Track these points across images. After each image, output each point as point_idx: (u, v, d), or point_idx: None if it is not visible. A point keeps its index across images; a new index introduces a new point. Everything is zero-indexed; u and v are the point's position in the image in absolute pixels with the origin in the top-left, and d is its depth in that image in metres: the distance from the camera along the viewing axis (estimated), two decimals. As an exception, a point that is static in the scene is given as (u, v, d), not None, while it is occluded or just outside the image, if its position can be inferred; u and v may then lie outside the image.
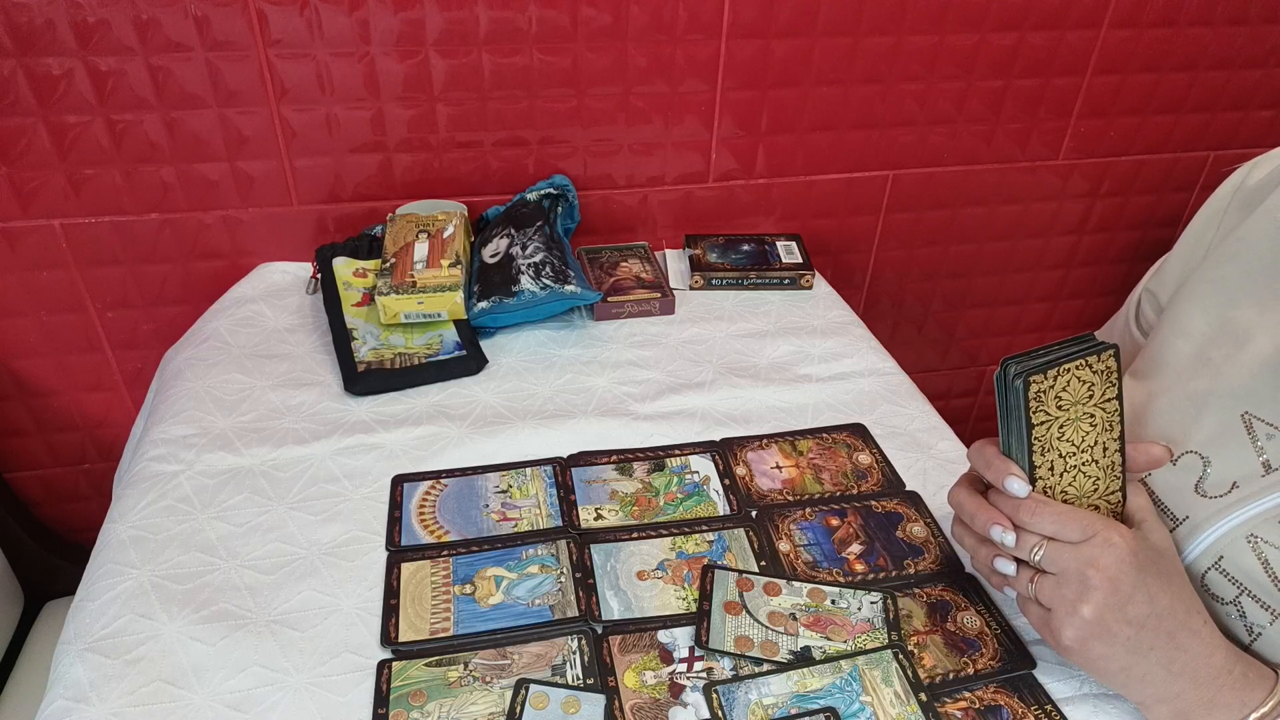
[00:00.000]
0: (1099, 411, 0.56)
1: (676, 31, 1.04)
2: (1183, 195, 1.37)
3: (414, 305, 0.92)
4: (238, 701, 0.59)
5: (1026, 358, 0.55)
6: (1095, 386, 0.56)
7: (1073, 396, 0.55)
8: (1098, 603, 0.52)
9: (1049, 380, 0.54)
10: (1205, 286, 0.65)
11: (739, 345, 0.97)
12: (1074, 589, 0.53)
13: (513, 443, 0.82)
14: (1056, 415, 0.55)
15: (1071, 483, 0.57)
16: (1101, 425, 0.56)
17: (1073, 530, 0.54)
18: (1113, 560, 0.52)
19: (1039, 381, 0.54)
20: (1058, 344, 0.56)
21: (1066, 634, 0.54)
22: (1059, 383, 0.55)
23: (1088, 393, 0.56)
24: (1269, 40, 1.23)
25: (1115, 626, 0.53)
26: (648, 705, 0.60)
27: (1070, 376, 0.55)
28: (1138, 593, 0.52)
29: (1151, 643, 0.53)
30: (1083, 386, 0.55)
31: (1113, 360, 0.56)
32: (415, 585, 0.68)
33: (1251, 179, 0.67)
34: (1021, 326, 1.47)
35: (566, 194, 1.09)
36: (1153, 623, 0.53)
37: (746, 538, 0.73)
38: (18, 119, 0.93)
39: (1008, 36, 1.14)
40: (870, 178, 1.22)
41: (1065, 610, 0.54)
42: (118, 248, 1.03)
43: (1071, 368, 0.55)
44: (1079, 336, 0.57)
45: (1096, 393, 0.56)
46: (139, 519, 0.72)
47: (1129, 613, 0.52)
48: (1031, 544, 0.55)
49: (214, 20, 0.92)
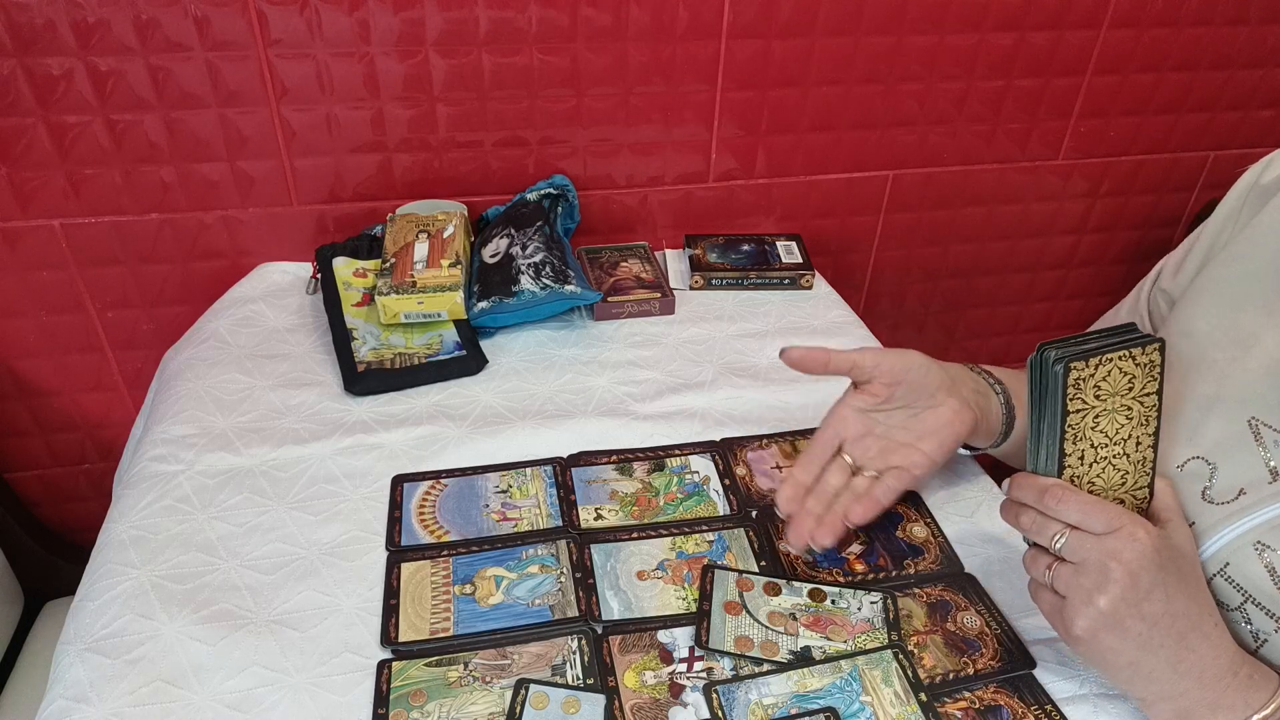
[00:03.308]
0: (1137, 405, 0.55)
1: (676, 31, 1.04)
2: (1183, 195, 1.37)
3: (414, 305, 0.92)
4: (238, 701, 0.59)
5: (1065, 343, 0.54)
6: (1136, 379, 0.54)
7: (1112, 387, 0.54)
8: (1114, 595, 0.52)
9: (1090, 368, 0.53)
10: (1211, 287, 0.65)
11: (739, 345, 0.97)
12: (1092, 579, 0.52)
13: (513, 443, 0.82)
14: (1093, 405, 0.54)
15: (1100, 474, 0.56)
16: (1138, 419, 0.55)
17: (1097, 521, 0.53)
18: (1135, 555, 0.52)
19: (1079, 369, 0.53)
20: (1097, 332, 0.55)
21: (1079, 624, 0.53)
22: (1099, 372, 0.53)
23: (1128, 385, 0.54)
24: (1269, 40, 1.23)
25: (1128, 621, 0.52)
26: (648, 705, 0.60)
27: (1112, 366, 0.53)
28: (1155, 590, 0.52)
29: (1161, 641, 0.53)
30: (1124, 378, 0.54)
31: (1158, 354, 0.54)
32: (415, 585, 0.68)
33: (1266, 177, 0.66)
34: (1021, 326, 1.47)
35: (566, 194, 1.09)
36: (1166, 622, 0.52)
37: (746, 538, 0.73)
38: (18, 119, 0.93)
39: (1008, 36, 1.14)
40: (870, 178, 1.22)
41: (1080, 599, 0.53)
42: (117, 248, 1.03)
43: (1114, 358, 0.53)
44: (1121, 326, 0.55)
45: (1137, 386, 0.54)
46: (139, 519, 0.72)
47: (1144, 609, 0.52)
48: (1053, 531, 0.55)
49: (214, 20, 0.92)
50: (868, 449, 0.71)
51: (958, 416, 0.69)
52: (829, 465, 0.71)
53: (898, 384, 0.69)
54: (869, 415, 0.71)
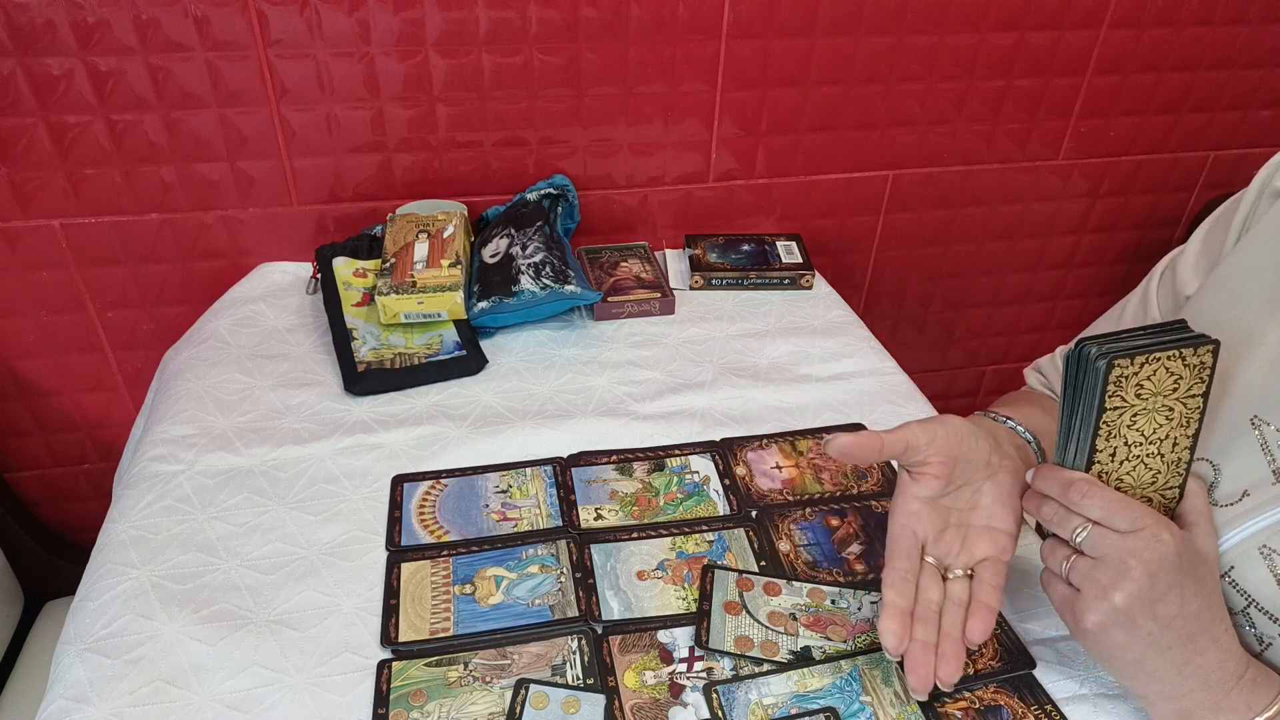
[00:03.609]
0: (1179, 406, 0.53)
1: (676, 31, 1.04)
2: (1183, 195, 1.37)
3: (414, 305, 0.92)
4: (238, 701, 0.59)
5: (1108, 339, 0.52)
6: (1183, 380, 0.53)
7: (1155, 387, 0.52)
8: (1131, 593, 0.52)
9: (1134, 366, 0.51)
10: (1218, 286, 0.65)
11: (739, 345, 0.97)
12: (1110, 575, 0.52)
13: (513, 443, 0.82)
14: (1132, 404, 0.53)
15: (1130, 471, 0.55)
16: (1178, 420, 0.54)
17: (1122, 519, 0.53)
18: (1156, 556, 0.51)
19: (1123, 366, 0.51)
20: (1143, 329, 0.53)
21: (1090, 618, 0.53)
22: (1144, 370, 0.52)
23: (1173, 385, 0.53)
24: (1269, 40, 1.23)
25: (1140, 620, 0.52)
26: (648, 705, 0.60)
27: (1159, 366, 0.52)
28: (1171, 592, 0.52)
29: (1170, 642, 0.53)
30: (1169, 378, 0.52)
31: (1210, 356, 0.52)
32: (415, 585, 0.68)
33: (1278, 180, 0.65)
34: (1022, 326, 1.47)
35: (566, 194, 1.09)
36: (1178, 624, 0.52)
37: (746, 538, 0.73)
38: (18, 119, 0.93)
39: (1008, 36, 1.14)
40: (870, 178, 1.22)
41: (1095, 594, 0.53)
42: (117, 248, 1.03)
43: (1163, 357, 0.52)
44: (1170, 323, 0.54)
45: (1182, 387, 0.53)
46: (139, 519, 0.72)
47: (1158, 610, 0.52)
48: (1075, 525, 0.54)
49: (214, 20, 0.92)
50: (950, 546, 0.62)
51: (1017, 479, 0.62)
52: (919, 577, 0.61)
53: (954, 459, 0.60)
54: (939, 504, 0.62)
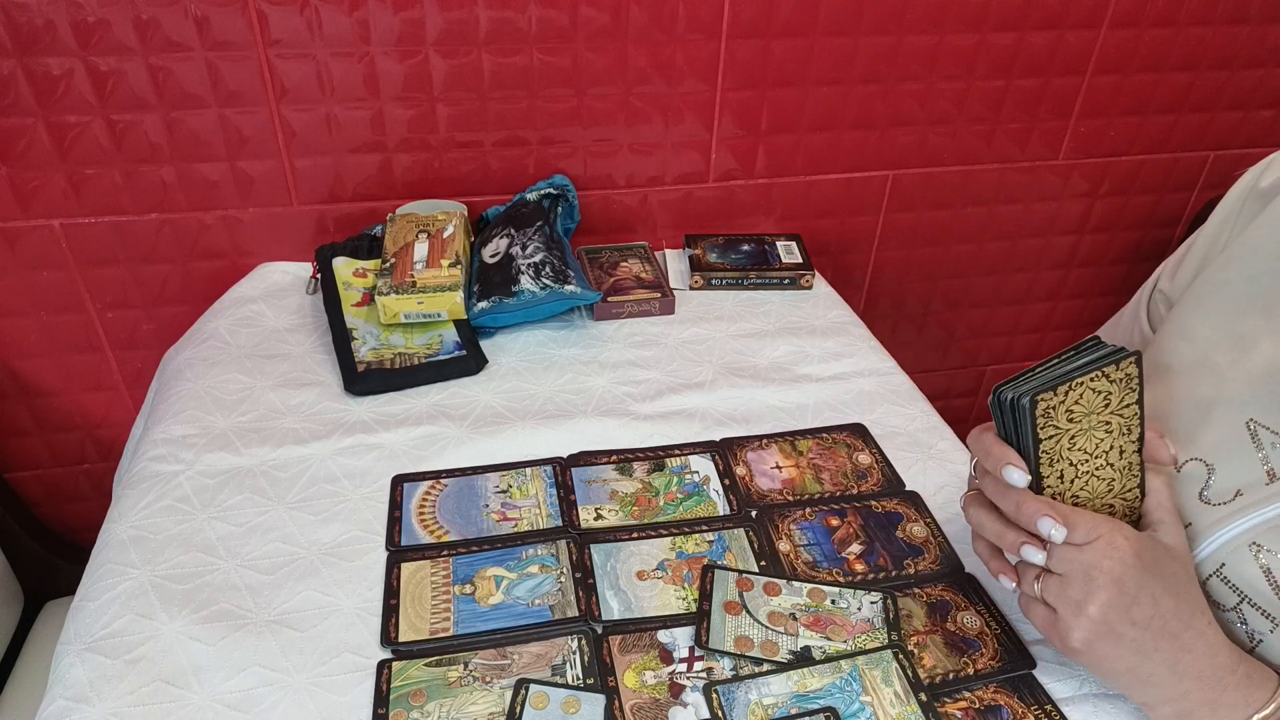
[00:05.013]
0: (1116, 418, 0.55)
1: (676, 31, 1.04)
2: (1183, 195, 1.37)
3: (414, 305, 0.92)
4: (238, 701, 0.59)
5: (1021, 379, 0.53)
6: (1113, 395, 0.54)
7: (1086, 407, 0.54)
8: (1103, 602, 0.52)
9: (1059, 396, 0.53)
10: (1210, 290, 0.65)
11: (739, 345, 0.97)
12: (1079, 589, 0.53)
13: (513, 443, 0.82)
14: (1067, 428, 0.54)
15: (1084, 486, 0.56)
16: (1118, 430, 0.55)
17: (1076, 533, 0.53)
18: (1115, 562, 0.52)
19: (1047, 399, 0.53)
20: (1057, 356, 0.55)
21: (1075, 635, 0.54)
22: (1070, 397, 0.53)
23: (1103, 402, 0.54)
24: (1269, 40, 1.23)
25: (1120, 627, 0.53)
26: (648, 705, 0.60)
27: (1084, 389, 0.53)
28: (1142, 594, 0.52)
29: (1156, 643, 0.53)
30: (1098, 397, 0.54)
31: (1134, 367, 0.54)
32: (415, 585, 0.68)
33: (1264, 180, 0.66)
34: (1021, 327, 1.47)
35: (566, 194, 1.09)
36: (1157, 624, 0.53)
37: (746, 538, 0.73)
38: (18, 119, 0.93)
39: (1008, 36, 1.14)
40: (870, 178, 1.22)
41: (1071, 611, 0.54)
42: (118, 248, 1.03)
43: (1085, 381, 0.53)
44: (1084, 343, 0.55)
45: (1114, 400, 0.54)
46: (139, 519, 0.72)
47: (1134, 614, 0.52)
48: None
49: (214, 20, 0.92)
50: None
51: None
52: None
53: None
54: None
